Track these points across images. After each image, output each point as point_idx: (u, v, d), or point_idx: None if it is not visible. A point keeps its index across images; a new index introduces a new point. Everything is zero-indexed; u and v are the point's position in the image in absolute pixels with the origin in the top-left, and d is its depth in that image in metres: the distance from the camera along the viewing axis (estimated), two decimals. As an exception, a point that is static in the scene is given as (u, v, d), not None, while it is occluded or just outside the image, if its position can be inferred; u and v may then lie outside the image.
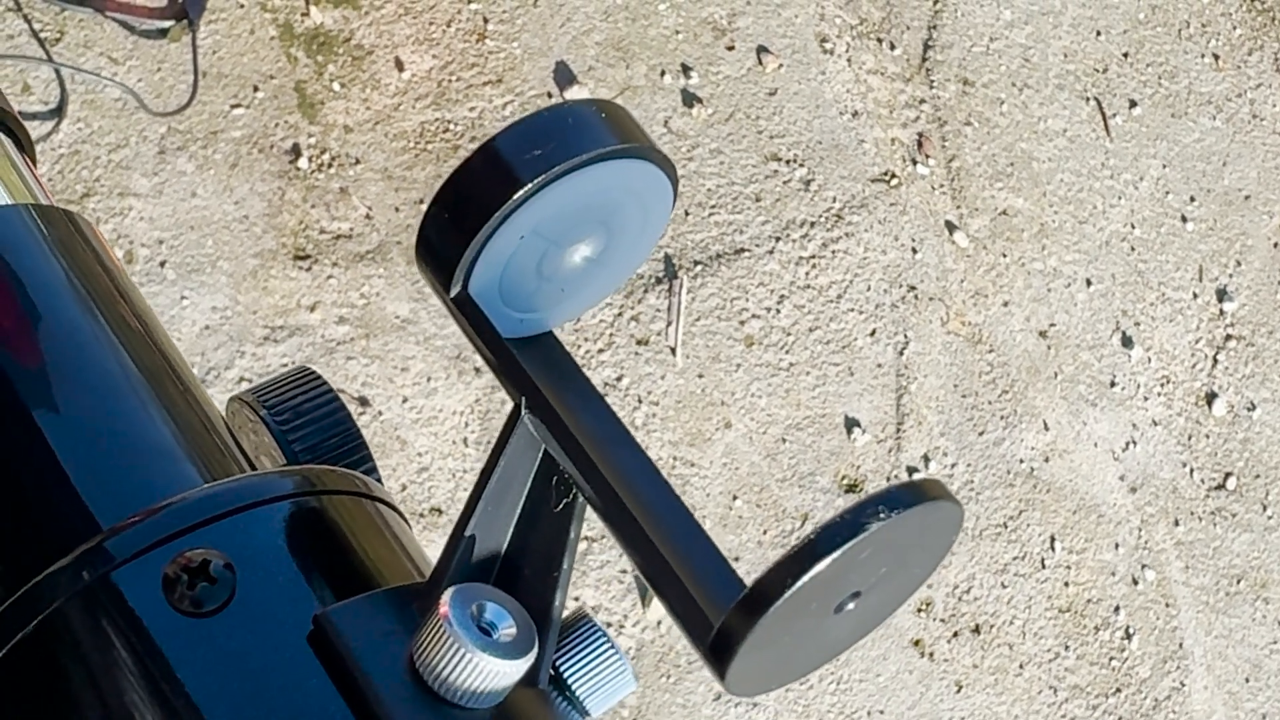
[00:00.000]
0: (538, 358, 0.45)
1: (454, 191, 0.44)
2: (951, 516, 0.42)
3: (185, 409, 0.53)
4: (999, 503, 2.32)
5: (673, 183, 0.46)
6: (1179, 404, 2.54)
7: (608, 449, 0.43)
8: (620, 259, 0.47)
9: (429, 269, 0.45)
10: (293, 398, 0.54)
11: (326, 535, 0.48)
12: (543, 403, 0.43)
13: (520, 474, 0.45)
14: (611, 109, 0.46)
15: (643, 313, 2.13)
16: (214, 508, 0.46)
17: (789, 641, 0.41)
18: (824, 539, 0.39)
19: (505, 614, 0.43)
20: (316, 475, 0.49)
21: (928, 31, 2.53)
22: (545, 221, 0.44)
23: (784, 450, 2.18)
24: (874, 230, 2.34)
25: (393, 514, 0.50)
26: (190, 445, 0.52)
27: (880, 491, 0.40)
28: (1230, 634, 2.46)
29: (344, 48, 2.09)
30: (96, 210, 1.90)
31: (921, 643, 2.20)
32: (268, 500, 0.46)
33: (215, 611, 0.44)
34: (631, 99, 2.24)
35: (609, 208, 0.46)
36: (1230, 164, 2.74)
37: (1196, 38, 2.80)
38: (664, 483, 0.43)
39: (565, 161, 0.43)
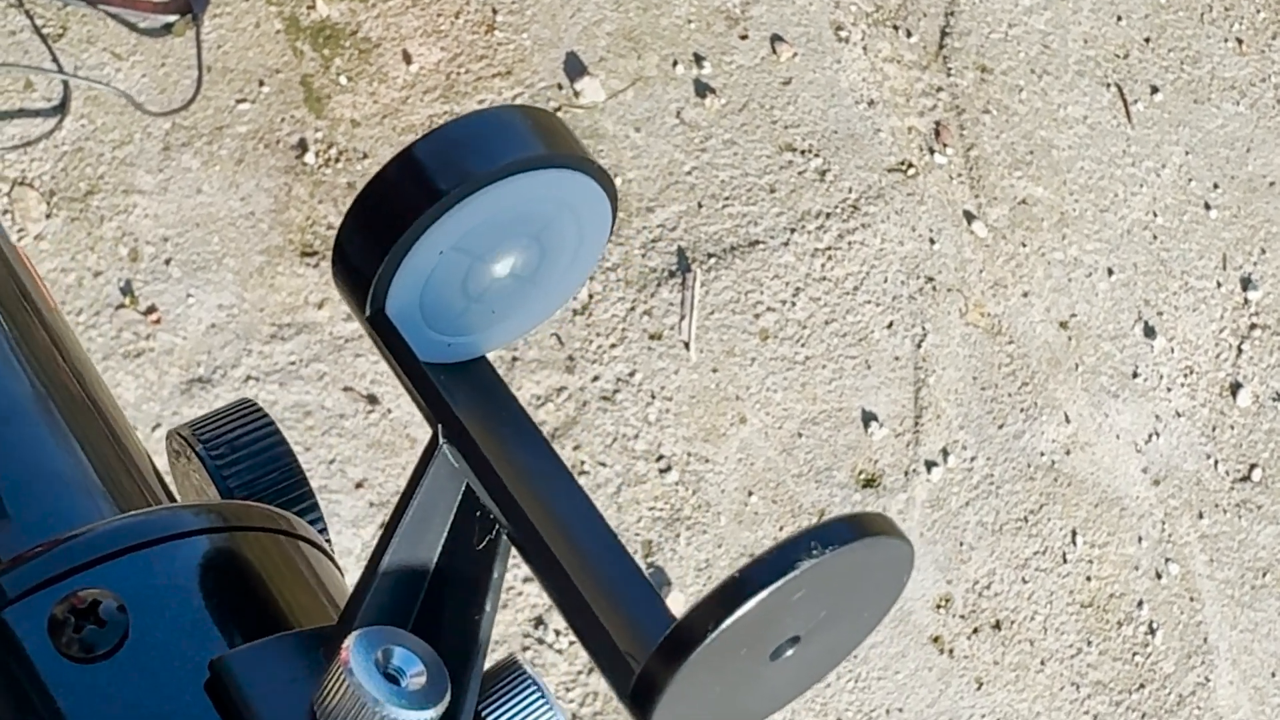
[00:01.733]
0: (465, 384, 0.42)
1: (368, 204, 0.41)
2: (899, 554, 0.38)
3: (101, 442, 0.51)
4: (1019, 496, 2.28)
5: (610, 196, 0.43)
6: (1203, 395, 2.50)
7: (532, 482, 0.40)
8: (557, 278, 0.44)
9: (344, 287, 0.42)
10: (229, 431, 0.51)
11: (233, 575, 0.45)
12: (462, 431, 0.40)
13: (441, 508, 0.42)
14: (541, 116, 0.42)
15: (655, 306, 2.11)
16: (112, 544, 0.43)
17: (720, 691, 0.37)
18: (749, 577, 0.35)
19: (415, 659, 0.40)
20: (228, 511, 0.47)
21: (945, 18, 2.49)
22: (467, 236, 0.41)
23: (800, 445, 2.15)
24: (891, 221, 2.31)
25: (316, 553, 0.47)
26: (103, 478, 0.50)
27: (815, 525, 0.36)
28: (1256, 628, 2.43)
29: (351, 41, 2.07)
30: (101, 208, 1.88)
31: (941, 639, 2.17)
32: (170, 537, 0.44)
33: (104, 656, 0.41)
34: (643, 90, 2.21)
35: (539, 222, 0.43)
36: (1254, 150, 2.70)
37: (1219, 22, 2.75)
38: (597, 519, 0.40)
39: (487, 170, 0.40)
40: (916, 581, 2.17)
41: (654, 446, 2.06)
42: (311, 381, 1.92)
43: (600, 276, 2.09)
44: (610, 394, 2.05)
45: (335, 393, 1.90)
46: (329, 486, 1.89)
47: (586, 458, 2.01)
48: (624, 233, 2.12)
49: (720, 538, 2.06)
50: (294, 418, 1.89)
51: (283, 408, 1.89)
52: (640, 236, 2.14)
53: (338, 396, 1.90)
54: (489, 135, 0.41)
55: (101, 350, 1.83)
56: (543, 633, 1.90)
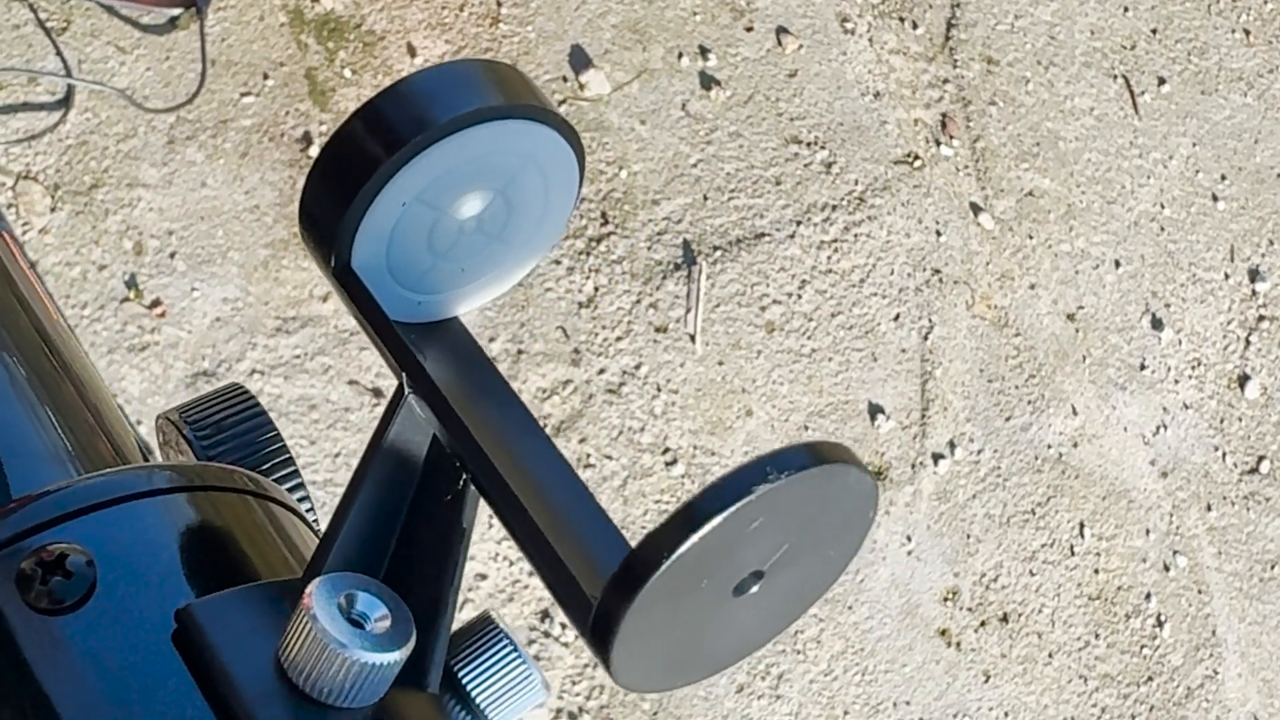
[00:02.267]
0: (433, 340, 0.42)
1: (331, 156, 0.41)
2: (860, 486, 0.38)
3: (74, 408, 0.51)
4: (1027, 489, 2.28)
5: (576, 150, 0.43)
6: (1210, 387, 2.49)
7: (497, 430, 0.40)
8: (525, 235, 0.44)
9: (310, 240, 0.42)
10: (216, 413, 0.51)
11: (201, 532, 0.45)
12: (428, 381, 0.40)
13: (409, 461, 0.42)
14: (503, 69, 0.42)
15: (661, 299, 2.10)
16: (80, 500, 0.43)
17: (685, 627, 0.37)
18: (705, 501, 0.35)
19: (379, 604, 0.40)
20: (196, 471, 0.47)
21: (951, 9, 2.49)
22: (430, 188, 0.41)
23: (806, 438, 2.14)
24: (897, 213, 2.30)
25: (288, 515, 0.47)
26: (76, 445, 0.50)
27: (773, 451, 0.36)
28: (1265, 620, 2.42)
29: (355, 33, 2.07)
30: (105, 201, 1.88)
31: (948, 632, 2.16)
32: (138, 494, 0.44)
33: (72, 608, 0.42)
34: (648, 82, 2.21)
35: (503, 175, 0.42)
36: (1262, 141, 2.69)
37: (1226, 12, 2.75)
38: (561, 462, 0.40)
39: (445, 120, 0.40)
40: (924, 574, 2.16)
41: (660, 439, 2.05)
42: (316, 375, 1.92)
43: (606, 269, 2.09)
44: (616, 387, 2.05)
45: (340, 386, 1.90)
46: (334, 480, 1.89)
47: (592, 451, 2.01)
48: (629, 225, 2.12)
49: (726, 530, 2.05)
50: (299, 411, 1.89)
51: (287, 401, 1.89)
52: (646, 229, 2.13)
53: (343, 390, 1.90)
54: (449, 87, 0.41)
55: (106, 344, 1.83)
56: (549, 626, 1.90)
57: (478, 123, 0.41)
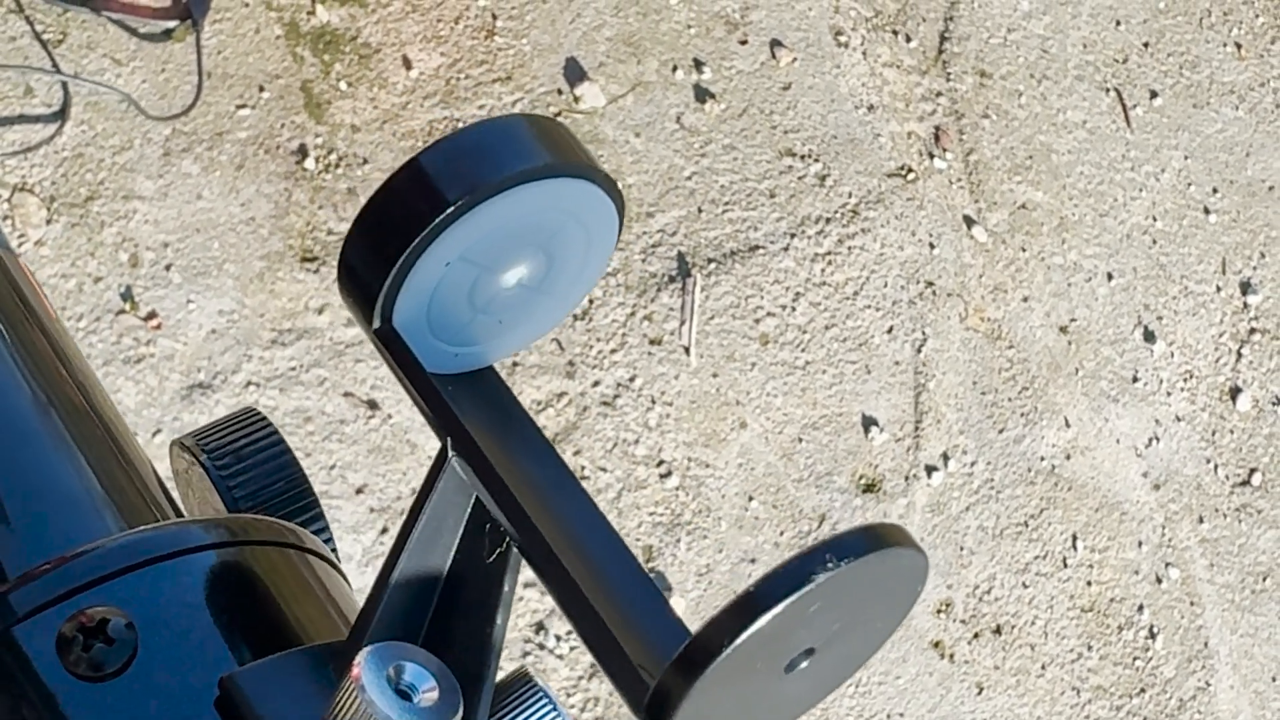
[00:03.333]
0: (472, 395, 0.42)
1: (374, 215, 0.41)
2: (913, 565, 0.38)
3: (106, 455, 0.50)
4: (1020, 501, 2.28)
5: (617, 204, 0.43)
6: (1202, 399, 2.50)
7: (542, 494, 0.39)
8: (563, 287, 0.44)
9: (350, 300, 0.42)
10: (234, 441, 0.51)
11: (242, 590, 0.45)
12: (470, 444, 0.40)
13: (450, 522, 0.41)
14: (548, 125, 0.42)
15: (656, 312, 2.10)
16: (120, 561, 0.43)
17: (735, 704, 0.37)
18: (766, 591, 0.35)
19: (427, 675, 0.39)
20: (237, 525, 0.46)
21: (944, 23, 2.49)
22: (474, 246, 0.41)
23: (800, 450, 2.14)
24: (891, 226, 2.31)
25: (325, 567, 0.47)
26: (110, 493, 0.49)
27: (831, 538, 0.36)
28: (1256, 632, 2.42)
29: (351, 46, 2.07)
30: (101, 213, 1.88)
31: (942, 644, 2.16)
32: (178, 552, 0.43)
33: (113, 675, 0.41)
34: (643, 95, 2.21)
35: (546, 231, 0.42)
36: (1254, 154, 2.70)
37: (1218, 26, 2.75)
38: (608, 531, 0.40)
39: (493, 180, 0.40)
40: (917, 586, 2.16)
41: (654, 451, 2.05)
42: (312, 387, 1.91)
43: (600, 282, 2.09)
44: (611, 399, 2.05)
45: (335, 398, 1.90)
46: (329, 492, 1.88)
47: (587, 463, 2.01)
48: (624, 238, 2.12)
49: (721, 543, 2.06)
50: (294, 423, 1.89)
51: (283, 413, 1.89)
52: (640, 241, 2.13)
53: (338, 402, 1.90)
54: (495, 144, 0.41)
55: (102, 356, 1.83)
56: (543, 638, 1.90)
57: (525, 182, 0.41)
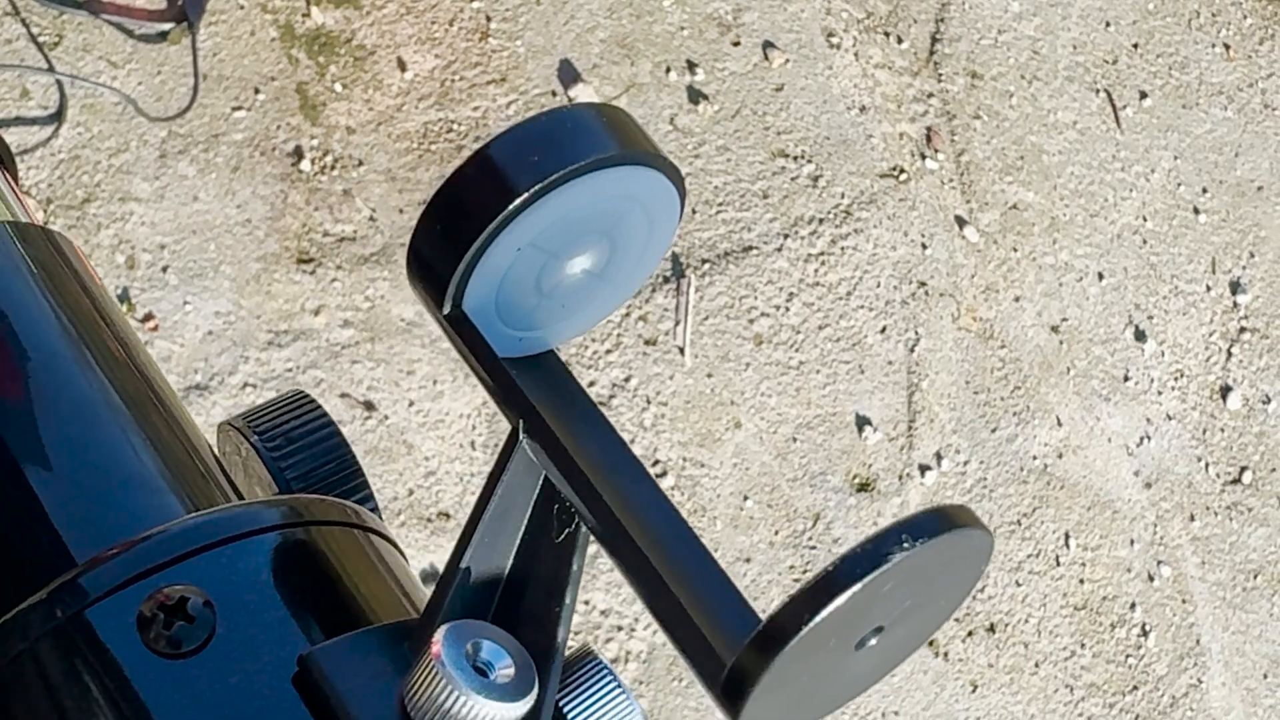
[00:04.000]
0: (537, 379, 0.42)
1: (446, 202, 0.41)
2: (981, 545, 0.39)
3: (169, 437, 0.51)
4: (1012, 500, 2.29)
5: (680, 191, 0.44)
6: (1193, 398, 2.51)
7: (612, 476, 0.40)
8: (625, 272, 0.45)
9: (421, 286, 0.43)
10: (285, 423, 0.51)
11: (314, 569, 0.45)
12: (542, 426, 0.41)
13: (519, 502, 0.42)
14: (613, 113, 0.43)
15: (650, 312, 2.11)
16: (193, 541, 0.43)
17: (807, 680, 0.38)
18: (843, 570, 0.36)
19: (503, 652, 0.40)
20: (304, 505, 0.47)
21: (935, 24, 2.50)
22: (544, 233, 0.42)
23: (795, 450, 2.15)
24: (883, 226, 2.32)
25: (387, 545, 0.47)
26: (174, 475, 0.49)
27: (905, 519, 0.37)
28: (1248, 629, 2.44)
29: (346, 48, 2.07)
30: (98, 215, 1.88)
31: (935, 642, 2.17)
32: (251, 533, 0.44)
33: (193, 652, 0.41)
34: (636, 96, 2.21)
35: (612, 218, 0.43)
36: (1243, 155, 2.71)
37: (1207, 27, 2.77)
38: (673, 512, 0.40)
39: (564, 169, 0.40)
40: (911, 585, 2.17)
41: (649, 452, 2.06)
42: (309, 388, 1.92)
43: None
44: (605, 399, 2.05)
45: (332, 399, 1.90)
46: (326, 493, 1.89)
47: (582, 463, 2.01)
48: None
49: (716, 542, 2.06)
50: (291, 425, 1.89)
51: (280, 415, 1.89)
52: (635, 242, 2.14)
53: (334, 403, 1.90)
54: (565, 133, 0.41)
55: (99, 358, 1.83)
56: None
57: (595, 170, 0.41)
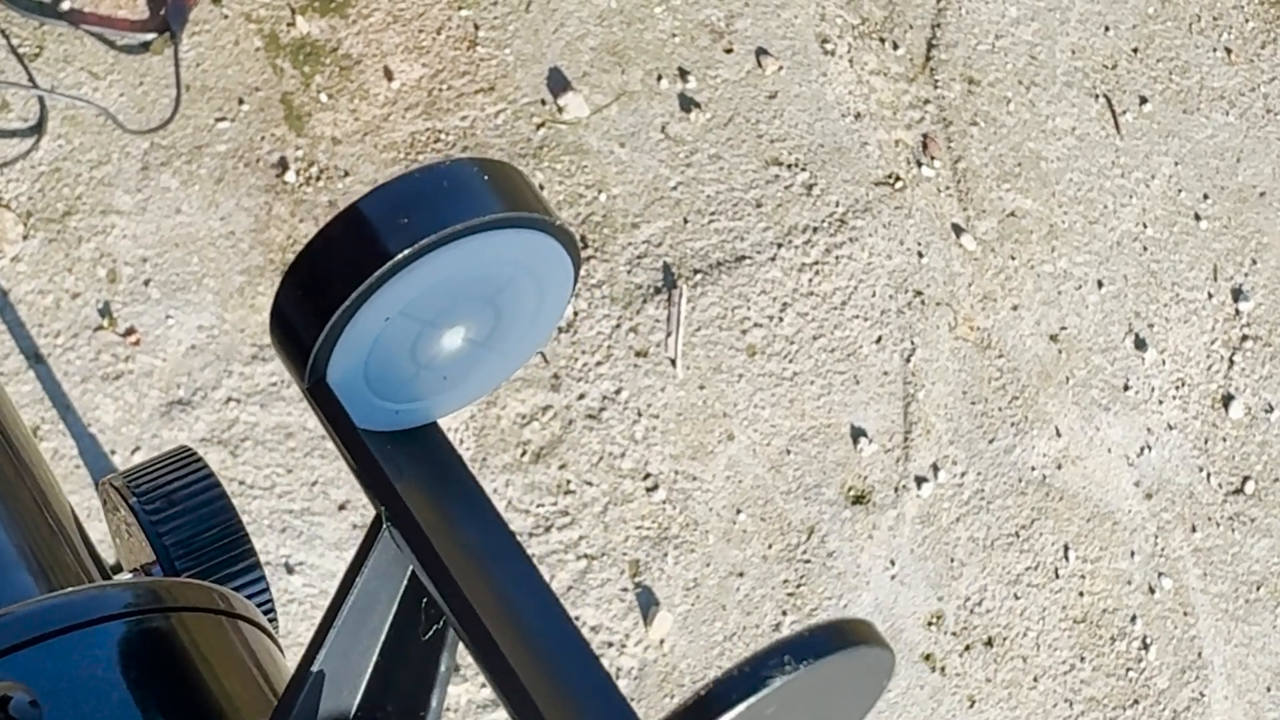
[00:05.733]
0: (412, 455, 0.39)
1: (308, 265, 0.38)
2: (878, 663, 0.36)
3: (25, 500, 0.47)
4: (1010, 511, 2.26)
5: (572, 255, 0.40)
6: (1195, 407, 2.48)
7: (482, 566, 0.37)
8: (514, 342, 0.41)
9: (282, 353, 0.39)
10: (166, 483, 0.48)
11: (162, 662, 0.41)
12: (406, 513, 0.37)
13: (384, 596, 0.39)
14: (500, 170, 0.39)
15: (641, 323, 2.08)
16: (24, 631, 0.39)
17: None
18: (716, 696, 0.32)
19: None
20: (161, 589, 0.43)
21: (931, 30, 2.47)
22: (416, 301, 0.38)
23: (788, 462, 2.12)
24: (878, 235, 2.29)
25: (256, 633, 0.44)
26: (27, 549, 0.46)
27: (791, 636, 0.34)
28: (1251, 642, 2.41)
29: (331, 58, 2.04)
30: (79, 229, 1.86)
31: (933, 657, 2.14)
32: (92, 621, 0.40)
33: None
34: (627, 104, 2.19)
35: (495, 284, 0.40)
36: (1244, 160, 2.68)
37: (1208, 31, 2.74)
38: (553, 607, 0.37)
39: (437, 232, 0.37)
40: (907, 598, 2.15)
41: (641, 465, 2.03)
42: (293, 403, 1.89)
43: (586, 294, 2.07)
44: (596, 412, 2.03)
45: (317, 414, 1.88)
46: (312, 509, 1.86)
47: (572, 477, 1.99)
48: (609, 249, 2.10)
49: (709, 556, 2.04)
50: (275, 439, 1.87)
51: (264, 429, 1.87)
52: (626, 253, 2.11)
53: (320, 418, 1.88)
54: (442, 192, 0.38)
55: (80, 373, 1.81)
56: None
57: (473, 234, 0.38)
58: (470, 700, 1.88)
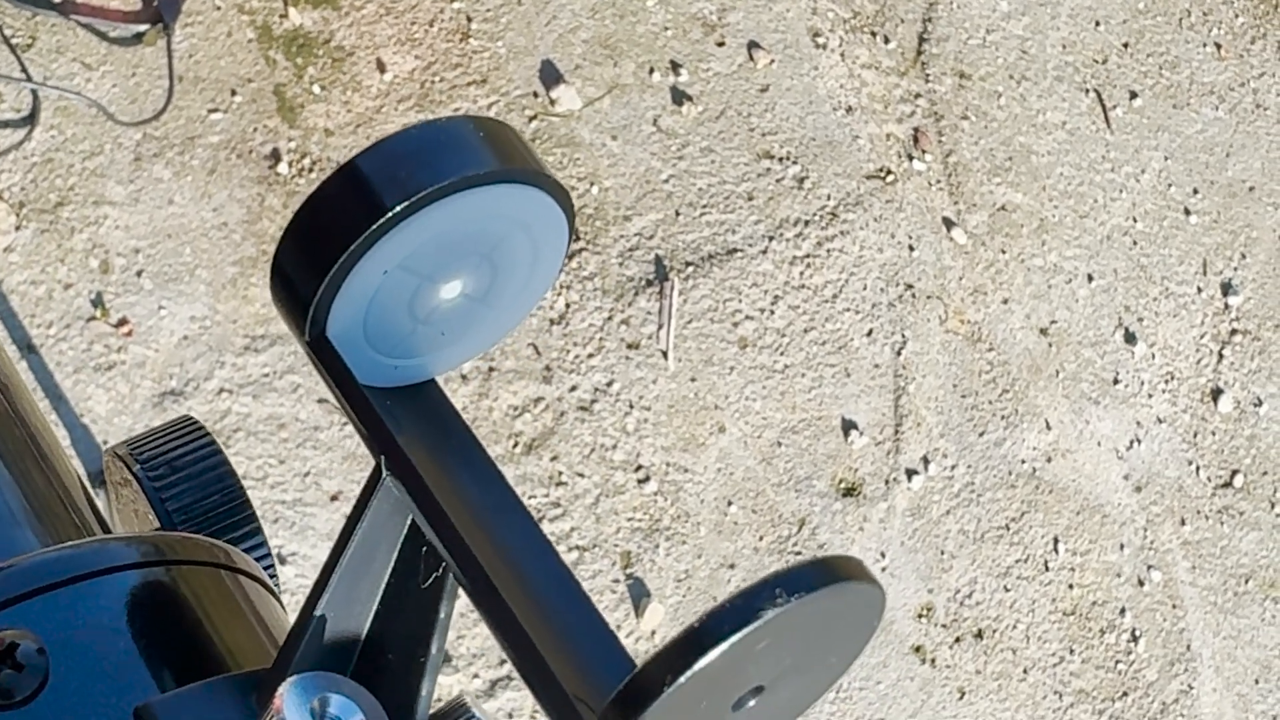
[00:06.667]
0: (411, 410, 0.40)
1: (308, 220, 0.38)
2: (869, 599, 0.36)
3: (28, 464, 0.48)
4: (1000, 504, 2.27)
5: (567, 212, 0.41)
6: (1184, 400, 2.49)
7: (482, 516, 0.37)
8: (510, 298, 0.42)
9: (282, 308, 0.40)
10: (169, 451, 0.48)
11: (165, 613, 0.42)
12: (406, 463, 0.38)
13: (384, 544, 0.39)
14: (494, 127, 0.40)
15: (633, 316, 2.09)
16: (30, 581, 0.40)
17: None
18: (710, 627, 0.33)
19: (354, 708, 0.37)
20: (164, 543, 0.44)
21: (922, 24, 2.48)
22: (414, 255, 0.39)
23: (780, 454, 2.13)
24: (870, 228, 2.29)
25: (257, 588, 0.44)
26: (29, 507, 0.46)
27: (783, 570, 0.34)
28: (1239, 635, 2.41)
29: (324, 49, 2.05)
30: (71, 219, 1.86)
31: (923, 649, 2.15)
32: (96, 572, 0.41)
33: (23, 703, 0.38)
34: (620, 97, 2.19)
35: (490, 240, 0.40)
36: (1234, 155, 2.69)
37: (1198, 26, 2.74)
38: (551, 556, 0.38)
39: (434, 186, 0.38)
40: (898, 590, 2.15)
41: (632, 457, 2.04)
42: (286, 394, 1.90)
43: (577, 286, 2.07)
44: (588, 404, 2.03)
45: (310, 405, 1.88)
46: (304, 499, 1.87)
47: (564, 468, 1.99)
48: (601, 241, 2.11)
49: (700, 548, 2.04)
50: (268, 430, 1.87)
51: (256, 420, 1.87)
52: (618, 245, 2.12)
53: (312, 408, 1.88)
54: (436, 148, 0.39)
55: (72, 363, 1.81)
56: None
57: (467, 188, 0.38)
58: (463, 690, 1.88)
